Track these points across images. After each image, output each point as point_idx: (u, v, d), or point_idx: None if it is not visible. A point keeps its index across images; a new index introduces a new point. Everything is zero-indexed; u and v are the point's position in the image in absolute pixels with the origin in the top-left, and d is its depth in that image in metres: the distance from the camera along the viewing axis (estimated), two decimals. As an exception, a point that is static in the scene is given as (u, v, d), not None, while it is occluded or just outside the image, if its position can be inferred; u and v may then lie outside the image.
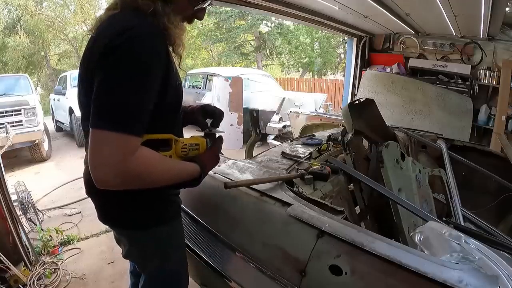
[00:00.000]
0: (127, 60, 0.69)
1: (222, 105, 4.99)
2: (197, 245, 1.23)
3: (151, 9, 0.76)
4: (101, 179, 0.69)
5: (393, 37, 5.34)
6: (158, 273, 1.01)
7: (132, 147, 0.69)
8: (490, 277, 0.63)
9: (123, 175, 0.68)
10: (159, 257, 0.97)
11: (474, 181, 1.99)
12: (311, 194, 1.16)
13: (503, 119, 4.06)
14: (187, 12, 0.88)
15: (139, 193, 0.83)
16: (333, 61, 14.41)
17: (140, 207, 0.88)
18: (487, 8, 2.88)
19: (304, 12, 3.90)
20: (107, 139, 0.66)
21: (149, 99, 0.72)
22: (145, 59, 0.70)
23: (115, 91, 0.68)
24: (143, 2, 0.76)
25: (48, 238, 2.48)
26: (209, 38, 15.02)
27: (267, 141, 5.12)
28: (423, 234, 0.81)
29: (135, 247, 0.96)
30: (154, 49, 0.72)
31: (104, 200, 0.90)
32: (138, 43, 0.70)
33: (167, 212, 0.95)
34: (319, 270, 0.81)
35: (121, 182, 0.70)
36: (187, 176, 0.85)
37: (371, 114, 1.67)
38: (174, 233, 0.99)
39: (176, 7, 0.82)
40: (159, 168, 0.76)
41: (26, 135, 4.47)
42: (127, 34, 0.70)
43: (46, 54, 13.87)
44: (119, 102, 0.68)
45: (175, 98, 0.86)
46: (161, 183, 0.79)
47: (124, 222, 0.91)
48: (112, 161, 0.67)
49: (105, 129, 0.66)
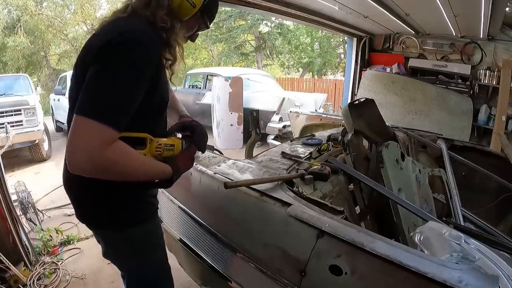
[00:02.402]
0: (124, 59, 0.73)
1: (222, 105, 4.99)
2: (197, 245, 1.23)
3: (164, 24, 0.82)
4: (75, 163, 0.70)
5: (393, 37, 5.34)
6: (137, 279, 1.03)
7: (110, 138, 0.71)
8: (490, 277, 0.63)
9: (96, 161, 0.69)
10: (133, 258, 0.99)
11: (474, 181, 1.98)
12: (311, 194, 1.16)
13: (503, 119, 4.06)
14: (190, 33, 0.96)
15: (113, 193, 0.87)
16: (333, 61, 14.41)
17: (114, 207, 0.90)
18: (487, 8, 2.88)
19: (304, 12, 3.90)
20: (89, 126, 0.69)
21: (135, 100, 0.76)
22: (140, 63, 0.75)
23: (105, 85, 0.72)
24: (160, 17, 0.82)
25: (48, 238, 2.48)
26: (209, 38, 15.00)
27: (267, 141, 5.12)
28: (423, 234, 0.81)
29: (109, 247, 0.99)
30: (150, 56, 0.77)
31: (80, 199, 0.93)
32: (137, 46, 0.74)
33: (140, 213, 0.95)
34: (319, 270, 0.81)
35: (93, 169, 0.70)
36: (158, 175, 0.85)
37: (371, 114, 1.67)
38: (148, 235, 0.99)
39: (186, 26, 0.90)
40: (131, 161, 0.77)
41: (26, 135, 4.46)
42: (129, 36, 0.75)
43: (46, 54, 13.86)
44: (107, 96, 0.71)
45: (159, 101, 0.89)
46: (131, 177, 0.79)
47: (98, 221, 0.94)
48: (89, 147, 0.68)
49: (89, 117, 0.69)
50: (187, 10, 0.87)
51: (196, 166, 1.36)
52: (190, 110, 5.60)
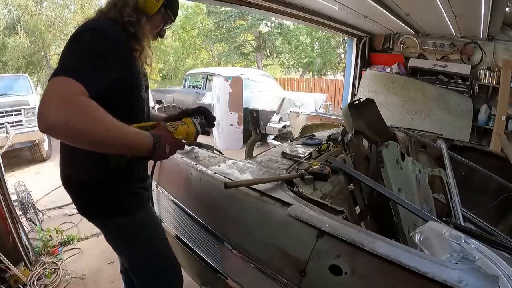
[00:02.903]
0: (90, 38, 0.84)
1: (222, 105, 4.99)
2: (197, 245, 1.23)
3: (130, 18, 0.94)
4: (45, 114, 0.68)
5: (393, 37, 5.34)
6: (140, 271, 1.12)
7: (80, 90, 0.73)
8: (490, 277, 0.63)
9: (66, 108, 0.68)
10: (130, 247, 1.08)
11: (474, 181, 1.98)
12: (311, 194, 1.16)
13: (503, 119, 4.06)
14: (157, 30, 1.08)
15: (106, 186, 0.98)
16: (333, 61, 14.41)
17: (107, 198, 0.99)
18: (487, 8, 2.88)
19: (304, 12, 3.90)
20: (60, 81, 0.73)
21: (100, 70, 0.82)
22: (105, 44, 0.85)
23: (74, 55, 0.81)
24: (127, 13, 0.94)
25: (48, 238, 2.48)
26: (209, 38, 15.02)
27: (267, 141, 5.12)
28: (423, 234, 0.81)
29: (107, 236, 1.09)
30: (114, 40, 0.87)
31: (78, 193, 1.03)
32: (101, 31, 0.86)
33: (131, 203, 1.04)
34: (319, 270, 0.81)
35: (63, 119, 0.67)
36: (135, 142, 0.81)
37: (371, 114, 1.67)
38: (141, 224, 1.07)
39: (153, 21, 1.02)
40: (100, 117, 0.73)
41: (26, 135, 4.46)
42: (95, 25, 0.89)
43: (46, 54, 13.84)
44: (76, 62, 0.79)
45: (130, 89, 0.97)
46: (102, 138, 0.73)
47: (94, 212, 1.03)
48: (60, 95, 0.70)
49: (60, 75, 0.73)
50: (152, 5, 0.98)
51: (196, 166, 1.36)
52: (190, 110, 5.41)
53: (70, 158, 1.01)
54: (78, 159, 0.97)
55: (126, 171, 1.00)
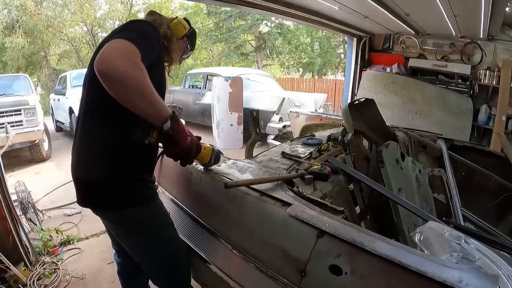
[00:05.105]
0: (142, 25, 1.02)
1: (222, 105, 4.99)
2: (197, 245, 1.23)
3: (165, 33, 1.12)
4: (112, 58, 0.80)
5: (393, 37, 5.34)
6: (153, 261, 1.18)
7: (138, 53, 0.85)
8: (490, 277, 0.63)
9: (128, 59, 0.82)
10: (143, 235, 1.12)
11: (474, 181, 1.98)
12: (311, 194, 1.16)
13: (503, 119, 4.06)
14: (180, 54, 1.27)
15: (118, 178, 1.04)
16: (333, 61, 14.41)
17: (120, 190, 1.05)
18: (487, 8, 2.89)
19: (304, 12, 3.90)
20: (123, 41, 0.86)
21: (149, 47, 0.94)
22: (151, 31, 1.01)
23: (130, 30, 0.98)
24: (162, 29, 1.12)
25: (48, 238, 2.48)
26: (209, 38, 15.01)
27: (267, 141, 5.12)
28: (423, 234, 0.81)
29: (122, 228, 1.14)
30: (157, 32, 1.04)
31: (88, 184, 1.06)
32: (150, 24, 1.04)
33: (143, 195, 1.10)
34: (319, 270, 0.81)
35: (124, 67, 0.80)
36: (158, 109, 0.90)
37: (371, 114, 1.67)
38: (154, 214, 1.14)
39: (177, 45, 1.21)
40: (147, 81, 0.85)
41: (26, 135, 4.47)
42: (144, 20, 1.10)
43: (46, 54, 13.85)
44: (133, 34, 0.91)
45: (159, 84, 1.01)
46: (140, 94, 0.85)
47: (106, 203, 1.07)
48: (125, 50, 0.84)
49: (123, 38, 0.86)
50: (180, 31, 1.20)
51: (196, 166, 1.36)
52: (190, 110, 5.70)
53: (95, 156, 1.06)
54: (105, 157, 1.05)
55: (143, 167, 1.12)
